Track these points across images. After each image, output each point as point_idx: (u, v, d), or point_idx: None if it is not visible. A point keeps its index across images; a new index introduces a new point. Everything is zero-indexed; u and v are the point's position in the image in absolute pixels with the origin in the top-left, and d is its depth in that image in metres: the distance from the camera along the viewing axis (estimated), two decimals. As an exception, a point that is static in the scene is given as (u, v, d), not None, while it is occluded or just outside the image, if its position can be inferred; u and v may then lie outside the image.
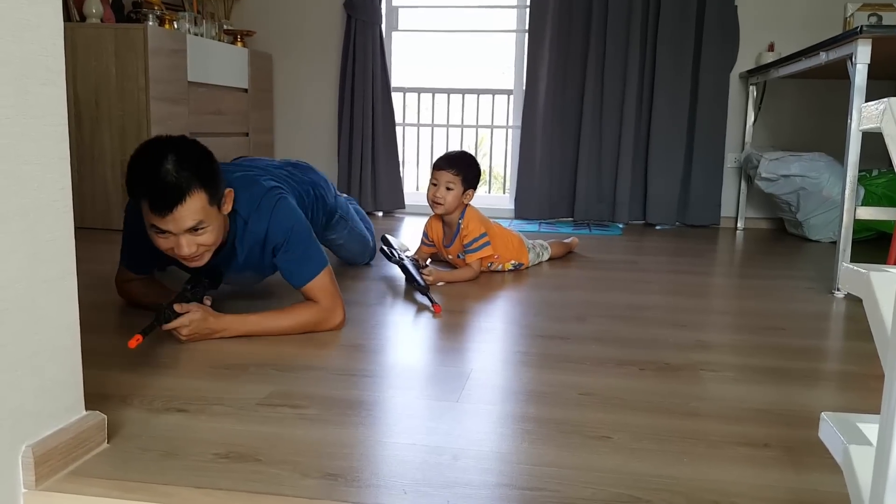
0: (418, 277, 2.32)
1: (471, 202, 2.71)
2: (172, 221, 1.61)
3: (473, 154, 2.82)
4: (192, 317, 1.71)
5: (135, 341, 1.57)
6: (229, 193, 1.76)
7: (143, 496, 1.05)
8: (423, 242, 2.87)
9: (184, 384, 1.50)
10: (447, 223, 2.73)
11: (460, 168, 2.63)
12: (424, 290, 2.26)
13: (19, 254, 1.02)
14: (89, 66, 3.40)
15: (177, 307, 1.70)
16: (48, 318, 1.08)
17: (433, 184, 2.65)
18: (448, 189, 2.61)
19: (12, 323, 1.02)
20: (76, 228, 1.13)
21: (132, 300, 2.06)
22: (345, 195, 2.74)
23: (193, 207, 1.61)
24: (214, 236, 1.71)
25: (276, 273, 2.03)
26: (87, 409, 1.18)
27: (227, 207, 1.76)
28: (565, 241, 3.23)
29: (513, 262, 2.81)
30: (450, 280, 2.58)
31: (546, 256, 3.01)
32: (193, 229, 1.65)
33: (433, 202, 2.65)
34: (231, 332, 1.79)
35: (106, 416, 1.20)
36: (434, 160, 2.73)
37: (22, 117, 1.01)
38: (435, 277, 2.47)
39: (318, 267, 1.88)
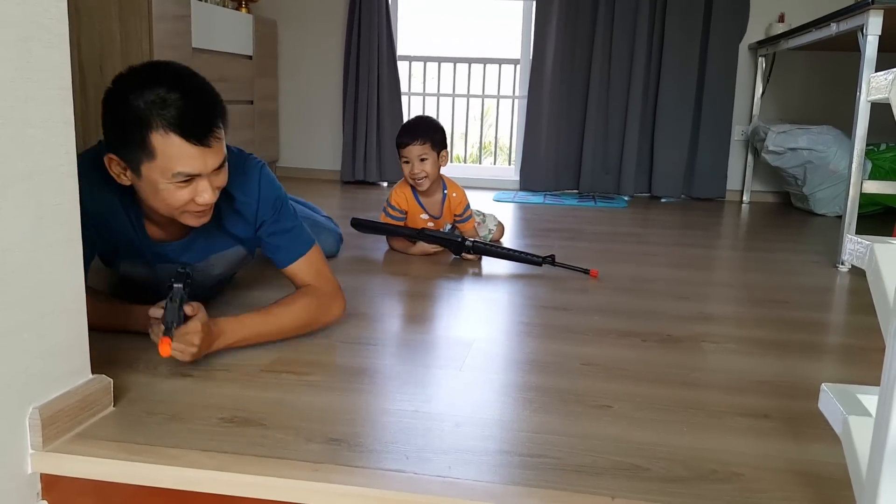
0: (528, 253, 2.33)
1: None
2: (206, 156, 1.34)
3: (434, 116, 2.66)
4: (202, 318, 1.38)
5: (166, 346, 1.30)
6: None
7: (150, 458, 1.06)
8: (391, 217, 2.56)
9: (189, 350, 1.50)
10: (427, 194, 2.56)
11: (425, 135, 2.46)
12: (541, 263, 2.30)
13: (24, 217, 1.02)
14: (93, 32, 3.37)
15: (187, 308, 1.37)
16: (54, 281, 1.09)
17: (405, 162, 2.48)
18: (422, 160, 2.46)
19: (19, 286, 1.02)
20: (81, 193, 1.14)
21: None
22: None
23: (220, 137, 1.38)
24: (225, 178, 1.44)
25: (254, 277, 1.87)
26: (93, 372, 1.19)
27: None
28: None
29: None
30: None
31: (491, 227, 2.85)
32: (218, 168, 1.39)
33: (414, 180, 2.48)
34: (227, 340, 1.45)
35: (112, 380, 1.22)
36: (396, 138, 2.54)
37: (26, 80, 1.01)
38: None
39: (308, 243, 1.63)
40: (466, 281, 2.22)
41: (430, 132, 2.49)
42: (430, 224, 2.60)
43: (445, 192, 2.58)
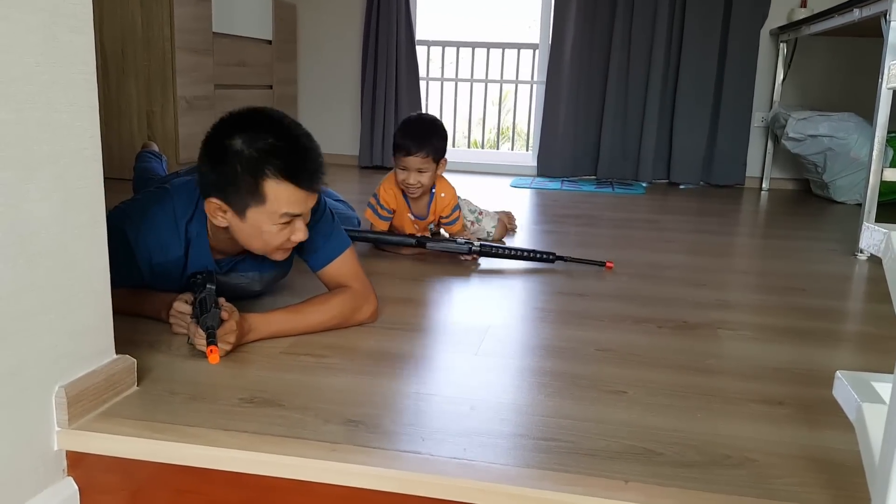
0: (539, 251, 2.18)
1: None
2: (309, 198, 1.44)
3: (434, 115, 2.41)
4: (235, 317, 1.41)
5: (216, 355, 1.32)
6: None
7: (172, 437, 1.08)
8: (379, 216, 2.35)
9: (209, 331, 1.53)
10: (416, 197, 2.36)
11: (429, 148, 2.23)
12: (553, 260, 2.18)
13: (51, 200, 1.04)
14: (115, 16, 3.40)
15: (223, 313, 1.40)
16: (79, 263, 1.11)
17: (402, 169, 2.25)
18: (420, 172, 2.24)
19: (46, 267, 1.04)
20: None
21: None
22: None
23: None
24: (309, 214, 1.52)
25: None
26: (117, 353, 1.22)
27: None
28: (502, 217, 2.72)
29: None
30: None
31: (489, 229, 2.60)
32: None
33: (406, 188, 2.28)
34: (256, 336, 1.47)
35: (136, 361, 1.24)
36: (394, 137, 2.28)
37: (51, 65, 1.03)
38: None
39: (344, 244, 1.65)
40: (482, 266, 2.23)
41: (433, 141, 2.25)
42: (416, 226, 2.41)
43: (433, 191, 2.36)
